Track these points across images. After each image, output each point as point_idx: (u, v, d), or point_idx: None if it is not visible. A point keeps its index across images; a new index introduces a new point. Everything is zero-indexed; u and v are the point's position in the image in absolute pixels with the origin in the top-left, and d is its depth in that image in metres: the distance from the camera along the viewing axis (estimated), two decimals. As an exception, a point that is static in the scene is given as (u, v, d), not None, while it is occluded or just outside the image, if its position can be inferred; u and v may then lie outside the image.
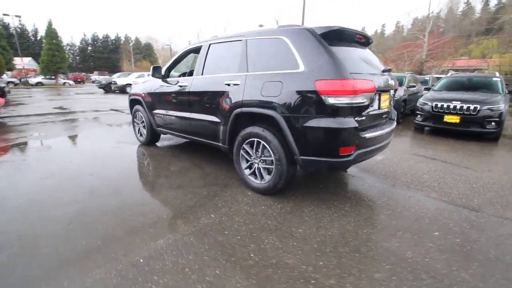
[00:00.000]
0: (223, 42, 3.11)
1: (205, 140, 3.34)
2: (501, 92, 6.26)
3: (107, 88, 20.53)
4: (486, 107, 5.41)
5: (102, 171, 3.38)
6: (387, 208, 2.53)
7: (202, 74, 3.24)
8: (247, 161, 2.85)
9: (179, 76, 4.33)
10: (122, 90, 19.48)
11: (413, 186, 3.06)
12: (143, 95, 4.28)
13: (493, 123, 5.39)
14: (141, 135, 4.71)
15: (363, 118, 2.33)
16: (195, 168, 3.54)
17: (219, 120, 2.99)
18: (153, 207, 2.48)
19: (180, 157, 3.99)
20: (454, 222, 2.29)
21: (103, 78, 24.74)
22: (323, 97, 2.16)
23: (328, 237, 2.05)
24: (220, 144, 3.11)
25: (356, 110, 2.24)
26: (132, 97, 4.65)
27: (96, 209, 2.44)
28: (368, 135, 2.36)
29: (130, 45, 59.32)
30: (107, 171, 3.39)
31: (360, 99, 2.20)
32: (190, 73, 4.18)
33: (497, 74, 9.87)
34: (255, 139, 2.64)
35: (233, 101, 2.75)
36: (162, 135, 4.68)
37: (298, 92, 2.26)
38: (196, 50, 3.59)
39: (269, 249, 1.90)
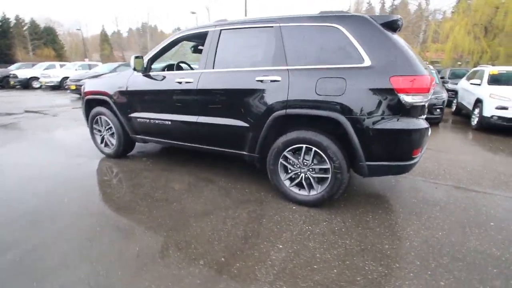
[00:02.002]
0: (241, 28, 2.54)
1: (221, 149, 2.74)
2: (437, 82, 7.30)
3: (4, 82, 16.18)
4: (432, 96, 6.25)
5: (68, 211, 2.43)
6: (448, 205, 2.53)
7: (213, 68, 2.61)
8: (288, 171, 2.43)
9: (164, 69, 3.49)
10: (25, 85, 15.68)
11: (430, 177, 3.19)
12: (111, 94, 3.29)
13: (438, 110, 6.27)
14: (106, 145, 3.67)
15: (424, 117, 2.21)
16: (205, 183, 2.91)
17: (246, 125, 2.47)
18: (202, 251, 1.85)
19: (176, 171, 3.25)
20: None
21: (-6, 70, 19.36)
22: (399, 96, 1.93)
23: (425, 250, 1.87)
24: (246, 153, 2.59)
25: (423, 109, 2.10)
26: (90, 96, 3.55)
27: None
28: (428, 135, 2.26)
29: (25, 29, 47.96)
30: (73, 210, 2.47)
31: (430, 97, 2.07)
32: (178, 67, 3.42)
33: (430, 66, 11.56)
34: (304, 145, 2.25)
35: (271, 102, 2.28)
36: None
37: (369, 90, 1.97)
38: (197, 37, 2.90)
39: (381, 280, 1.60)
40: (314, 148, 2.22)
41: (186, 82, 2.70)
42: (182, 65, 3.64)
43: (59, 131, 5.26)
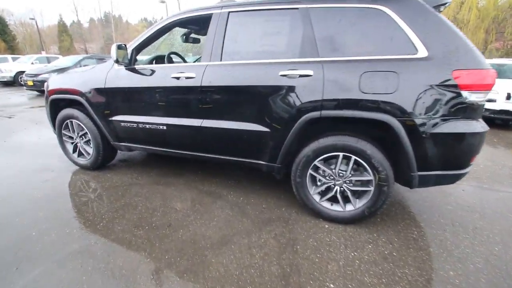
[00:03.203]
0: (256, 10, 2.05)
1: (231, 158, 2.27)
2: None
3: None
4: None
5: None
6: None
7: (221, 60, 2.11)
8: (318, 183, 2.05)
9: (152, 61, 2.90)
10: (-28, 81, 13.66)
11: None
12: (85, 92, 2.65)
13: None
14: (80, 155, 3.02)
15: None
16: (212, 198, 2.43)
17: (266, 130, 2.02)
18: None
19: (172, 184, 2.71)
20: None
21: None
22: (462, 93, 1.60)
23: (492, 273, 1.58)
24: (264, 163, 2.16)
25: (482, 109, 1.80)
26: (57, 96, 2.87)
27: None
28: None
29: (-34, 16, 42.20)
30: (46, 250, 1.89)
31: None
32: (169, 59, 2.85)
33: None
34: (341, 154, 1.87)
35: (300, 101, 1.85)
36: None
37: (426, 87, 1.62)
38: (195, 22, 2.37)
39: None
40: (353, 157, 1.84)
41: (187, 78, 2.18)
42: (173, 57, 3.06)
43: (18, 136, 4.39)
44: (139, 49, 2.51)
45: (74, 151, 3.04)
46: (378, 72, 1.68)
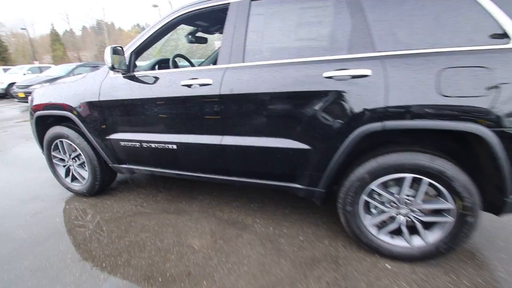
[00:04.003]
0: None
1: (259, 182, 1.84)
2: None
3: None
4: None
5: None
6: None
7: (243, 61, 1.68)
8: (374, 211, 1.62)
9: (154, 66, 2.47)
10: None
11: None
12: (75, 106, 2.21)
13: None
14: (74, 179, 2.58)
15: None
16: (235, 230, 1.99)
17: (305, 146, 1.60)
18: None
19: (185, 211, 2.28)
20: None
21: None
22: None
23: None
24: (301, 187, 1.73)
25: None
26: (43, 112, 2.44)
27: None
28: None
29: (-44, 29, 41.57)
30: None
31: None
32: (174, 63, 2.41)
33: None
34: (408, 175, 1.44)
35: (354, 110, 1.42)
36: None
37: (531, 85, 1.20)
38: (204, 16, 1.96)
39: None
40: (427, 179, 1.41)
41: (202, 85, 1.74)
42: (179, 60, 2.62)
43: (6, 156, 3.94)
44: (138, 52, 2.08)
45: (66, 175, 2.60)
46: (464, 68, 1.26)
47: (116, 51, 1.86)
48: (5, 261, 1.76)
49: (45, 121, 2.53)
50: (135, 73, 2.04)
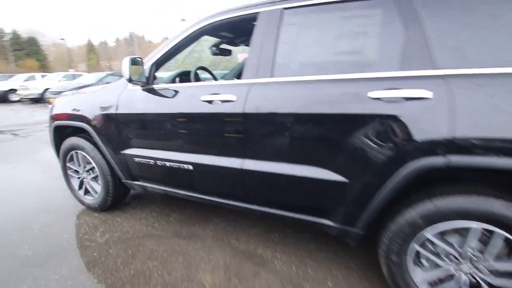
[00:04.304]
0: (325, 3, 1.41)
1: (284, 213, 1.60)
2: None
3: (-23, 96, 14.75)
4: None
5: None
6: None
7: (272, 75, 1.48)
8: (426, 264, 1.31)
9: (175, 79, 2.35)
10: (3, 98, 14.29)
11: None
12: (91, 118, 2.11)
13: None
14: (87, 192, 2.47)
15: None
16: (253, 266, 1.73)
17: (342, 179, 1.34)
18: None
19: (197, 237, 2.06)
20: None
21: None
22: None
23: None
24: (334, 225, 1.46)
25: None
26: (61, 122, 2.37)
27: None
28: None
29: (6, 39, 45.85)
30: None
31: None
32: (196, 76, 2.27)
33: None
34: (475, 225, 1.13)
35: (409, 139, 1.16)
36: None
37: None
38: (231, 26, 1.81)
39: None
40: (501, 232, 1.10)
41: (223, 101, 1.56)
42: (201, 73, 2.47)
43: (28, 162, 3.98)
44: (159, 63, 1.96)
45: (80, 187, 2.49)
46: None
47: (135, 62, 1.74)
48: (3, 282, 1.63)
49: (63, 131, 2.47)
50: (154, 86, 1.91)
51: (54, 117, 2.43)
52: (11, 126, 7.03)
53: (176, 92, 1.80)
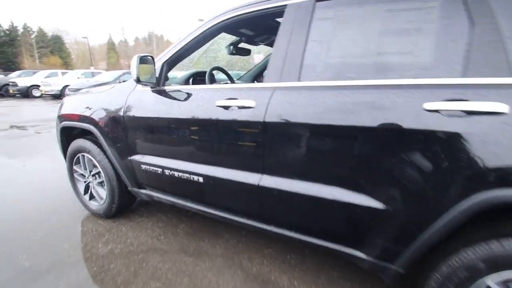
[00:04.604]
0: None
1: (305, 239, 1.37)
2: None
3: (3, 91, 15.42)
4: None
5: None
6: None
7: (299, 79, 1.26)
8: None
9: (188, 80, 2.17)
10: (25, 93, 14.80)
11: None
12: (98, 120, 1.97)
13: None
14: (92, 197, 2.33)
15: None
16: (267, 296, 1.52)
17: (381, 206, 1.10)
18: None
19: (205, 254, 1.87)
20: None
21: (-5, 78, 18.56)
22: None
23: None
24: (366, 257, 1.22)
25: None
26: (68, 123, 2.24)
27: None
28: None
29: (32, 37, 47.93)
30: None
31: None
32: (211, 77, 2.09)
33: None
34: None
35: (474, 163, 0.91)
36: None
37: None
38: (252, 22, 1.61)
39: None
40: None
41: (241, 108, 1.35)
42: (216, 73, 2.29)
43: (39, 160, 3.95)
44: (171, 63, 1.78)
45: (85, 192, 2.36)
46: None
47: (144, 61, 1.57)
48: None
49: (70, 132, 2.35)
50: (165, 87, 1.73)
51: (61, 117, 2.31)
52: (29, 121, 7.17)
53: (189, 95, 1.61)
